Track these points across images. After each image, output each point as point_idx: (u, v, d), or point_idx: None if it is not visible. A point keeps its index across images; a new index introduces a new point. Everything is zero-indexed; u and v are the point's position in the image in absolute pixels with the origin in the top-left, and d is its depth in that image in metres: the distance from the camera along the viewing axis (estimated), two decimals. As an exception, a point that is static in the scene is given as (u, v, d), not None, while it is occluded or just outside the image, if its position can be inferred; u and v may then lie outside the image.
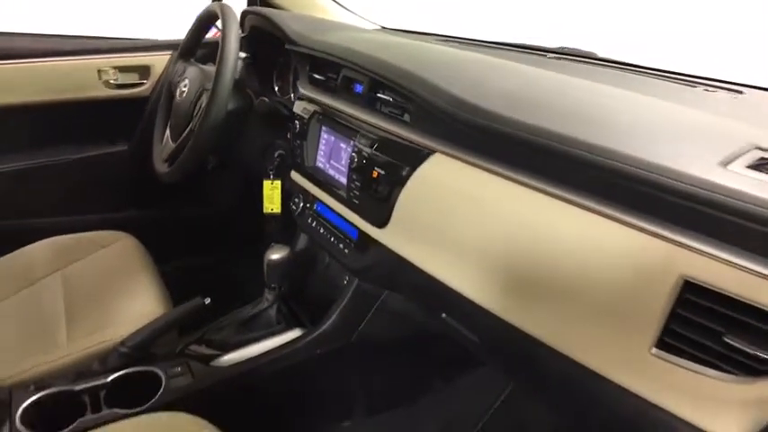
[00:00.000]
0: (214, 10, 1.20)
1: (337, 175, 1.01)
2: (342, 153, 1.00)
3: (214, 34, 1.44)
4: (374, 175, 0.88)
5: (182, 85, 1.24)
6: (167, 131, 1.30)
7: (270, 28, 1.25)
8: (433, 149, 0.79)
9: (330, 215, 1.07)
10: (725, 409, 0.49)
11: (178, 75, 1.30)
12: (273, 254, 1.16)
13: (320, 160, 1.08)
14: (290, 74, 1.36)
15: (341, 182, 0.99)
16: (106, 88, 1.49)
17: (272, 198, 1.24)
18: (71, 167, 1.54)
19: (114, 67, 1.49)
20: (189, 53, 1.36)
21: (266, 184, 1.23)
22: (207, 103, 1.08)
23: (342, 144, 1.00)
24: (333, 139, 1.04)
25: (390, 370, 1.21)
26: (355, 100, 0.98)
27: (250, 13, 1.36)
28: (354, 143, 0.95)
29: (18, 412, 0.87)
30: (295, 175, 1.18)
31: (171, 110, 1.29)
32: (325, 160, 1.06)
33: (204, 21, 1.31)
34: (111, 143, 1.58)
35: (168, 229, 1.65)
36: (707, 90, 0.89)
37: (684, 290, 0.50)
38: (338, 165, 1.01)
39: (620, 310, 0.55)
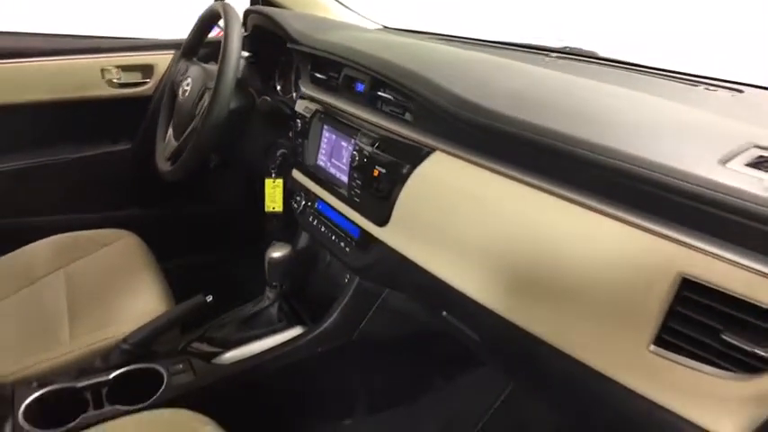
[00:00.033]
0: (217, 9, 1.21)
1: (338, 174, 1.01)
2: (343, 152, 1.00)
3: (217, 34, 1.45)
4: (375, 173, 0.88)
5: (184, 84, 1.25)
6: (170, 130, 1.31)
7: (272, 27, 1.25)
8: (433, 148, 0.80)
9: (331, 213, 1.07)
10: (722, 405, 0.49)
11: (181, 74, 1.30)
12: (275, 252, 1.16)
13: (321, 159, 1.08)
14: (292, 73, 1.36)
15: (342, 180, 1.00)
16: (109, 87, 1.50)
17: (273, 197, 1.24)
18: (74, 166, 1.55)
19: (117, 67, 1.50)
20: (192, 52, 1.36)
21: (268, 182, 1.24)
22: (209, 101, 1.09)
23: (343, 143, 1.00)
24: (334, 137, 1.04)
25: (391, 368, 1.22)
26: (357, 99, 0.99)
27: (252, 13, 1.37)
28: (355, 142, 0.95)
29: (21, 409, 0.88)
30: (296, 174, 1.18)
31: (174, 109, 1.30)
32: (327, 159, 1.06)
33: (207, 20, 1.31)
34: (114, 142, 1.59)
35: (171, 228, 1.65)
36: (708, 89, 0.89)
37: (682, 287, 0.50)
38: (339, 163, 1.01)
39: (620, 307, 0.55)
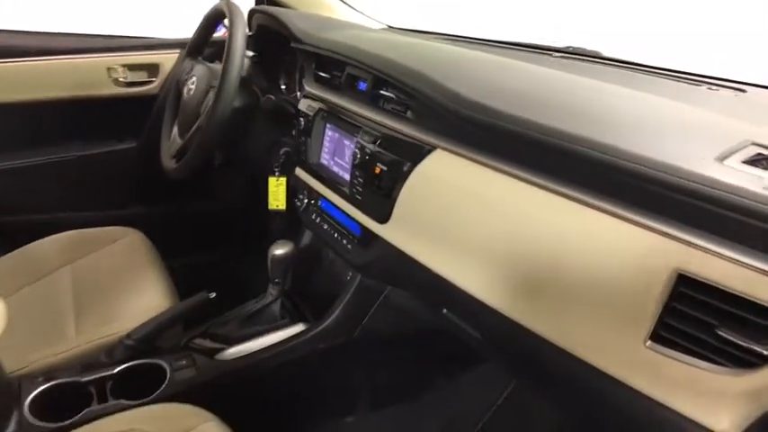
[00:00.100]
0: (221, 9, 1.22)
1: (341, 172, 1.02)
2: (345, 150, 1.00)
3: (222, 34, 1.45)
4: (376, 170, 0.89)
5: (189, 83, 1.25)
6: (175, 128, 1.32)
7: (277, 27, 1.26)
8: (434, 146, 0.80)
9: (333, 211, 1.07)
10: (718, 401, 0.49)
11: (186, 72, 1.31)
12: (277, 249, 1.17)
13: (324, 157, 1.09)
14: (296, 72, 1.37)
15: (344, 178, 1.00)
16: (115, 86, 1.51)
17: (277, 195, 1.25)
18: (81, 164, 1.56)
19: (124, 66, 1.51)
20: (197, 51, 1.38)
21: (271, 180, 1.24)
22: (213, 100, 1.10)
23: (345, 141, 1.01)
24: (337, 136, 1.05)
25: (393, 366, 1.22)
26: (359, 97, 0.99)
27: (257, 12, 1.38)
28: (358, 140, 0.96)
29: (26, 402, 0.90)
30: (300, 172, 1.19)
31: (179, 107, 1.31)
32: (330, 157, 1.07)
33: (212, 19, 1.32)
34: (119, 140, 1.60)
35: (175, 226, 1.66)
36: (710, 89, 0.89)
37: (678, 283, 0.50)
38: (342, 161, 1.02)
39: (617, 304, 0.56)
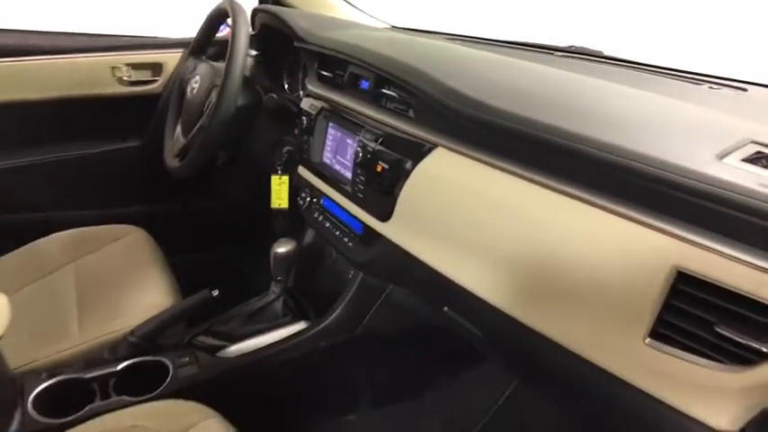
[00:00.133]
0: (225, 8, 1.22)
1: (343, 170, 1.02)
2: (347, 148, 1.01)
3: (226, 33, 1.46)
4: (378, 169, 0.89)
5: (192, 82, 1.26)
6: (178, 127, 1.32)
7: (280, 26, 1.27)
8: (435, 144, 0.80)
9: (336, 210, 1.08)
10: (716, 397, 0.49)
11: (189, 71, 1.32)
12: (280, 247, 1.18)
13: (327, 156, 1.09)
14: (299, 71, 1.37)
15: (346, 177, 1.01)
16: (119, 85, 1.52)
17: (279, 193, 1.25)
18: (85, 163, 1.57)
19: (127, 65, 1.52)
20: (200, 50, 1.38)
21: (274, 179, 1.25)
22: (217, 99, 1.10)
23: (348, 140, 1.01)
24: (339, 134, 1.05)
25: (395, 363, 1.22)
26: (361, 96, 0.99)
27: (260, 11, 1.38)
28: (360, 138, 0.96)
29: (30, 398, 0.90)
30: (302, 171, 1.19)
31: (182, 106, 1.32)
32: (332, 156, 1.07)
33: (215, 18, 1.33)
34: (123, 139, 1.61)
35: (178, 224, 1.67)
36: (712, 88, 0.89)
37: (678, 281, 0.50)
38: (344, 160, 1.02)
39: (617, 301, 0.56)
